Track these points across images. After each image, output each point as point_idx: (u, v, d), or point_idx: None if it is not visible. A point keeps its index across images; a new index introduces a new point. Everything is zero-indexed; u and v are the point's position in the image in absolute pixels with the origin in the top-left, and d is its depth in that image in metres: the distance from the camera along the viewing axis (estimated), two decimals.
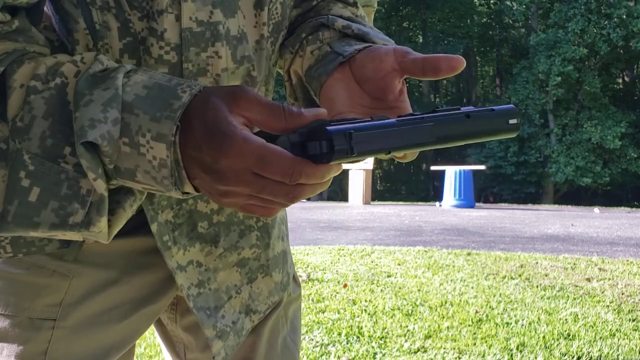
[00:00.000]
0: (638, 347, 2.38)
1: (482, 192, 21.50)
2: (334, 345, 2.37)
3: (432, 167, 14.31)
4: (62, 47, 0.51)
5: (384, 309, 2.92)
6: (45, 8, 0.51)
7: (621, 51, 21.12)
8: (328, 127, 0.38)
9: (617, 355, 2.30)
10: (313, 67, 0.55)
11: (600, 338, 2.49)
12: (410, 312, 2.87)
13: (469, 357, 2.25)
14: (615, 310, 2.95)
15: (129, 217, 0.47)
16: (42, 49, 0.47)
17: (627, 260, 4.40)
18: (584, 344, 2.41)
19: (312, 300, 3.08)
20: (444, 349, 2.33)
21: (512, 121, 0.47)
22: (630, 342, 2.44)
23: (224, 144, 0.37)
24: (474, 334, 2.53)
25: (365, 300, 3.07)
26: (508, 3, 22.60)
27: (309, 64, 0.56)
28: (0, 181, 0.41)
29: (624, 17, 18.45)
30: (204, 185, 0.40)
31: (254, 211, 0.42)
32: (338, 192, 19.66)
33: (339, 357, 2.24)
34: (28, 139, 0.41)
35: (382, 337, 2.48)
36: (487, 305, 3.02)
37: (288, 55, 0.59)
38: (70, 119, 0.41)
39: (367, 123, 0.39)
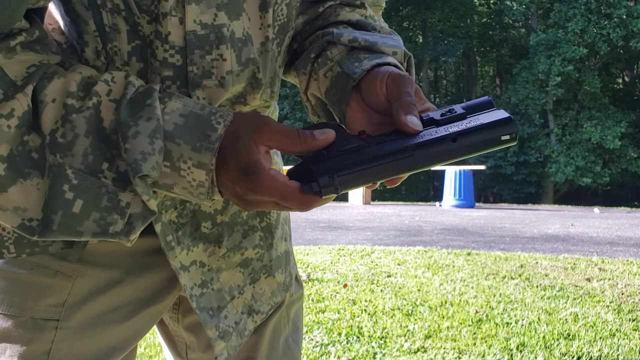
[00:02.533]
0: (638, 347, 2.38)
1: (482, 192, 21.50)
2: (334, 345, 2.37)
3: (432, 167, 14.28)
4: (71, 49, 0.51)
5: (384, 309, 2.92)
6: (54, 11, 0.51)
7: (621, 51, 21.12)
8: (314, 167, 0.45)
9: (617, 355, 2.30)
10: (330, 91, 0.56)
11: (600, 338, 2.49)
12: (410, 312, 2.88)
13: (469, 357, 2.26)
14: (615, 310, 2.95)
15: None
16: (55, 57, 0.48)
17: (627, 260, 4.40)
18: (584, 344, 2.41)
19: (312, 300, 3.08)
20: (444, 349, 2.34)
21: (505, 137, 0.45)
22: (630, 342, 2.45)
23: (255, 183, 0.44)
24: (474, 334, 2.54)
25: (365, 300, 3.07)
26: (508, 3, 22.59)
27: (326, 87, 0.57)
28: (36, 189, 0.44)
29: (624, 17, 18.44)
30: (235, 200, 0.48)
31: (277, 209, 0.48)
32: None
33: (339, 357, 2.24)
34: (71, 155, 0.44)
35: (382, 337, 2.49)
36: (487, 305, 3.03)
37: (302, 77, 0.60)
38: (104, 136, 0.45)
39: (352, 160, 0.45)
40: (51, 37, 0.48)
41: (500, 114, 0.46)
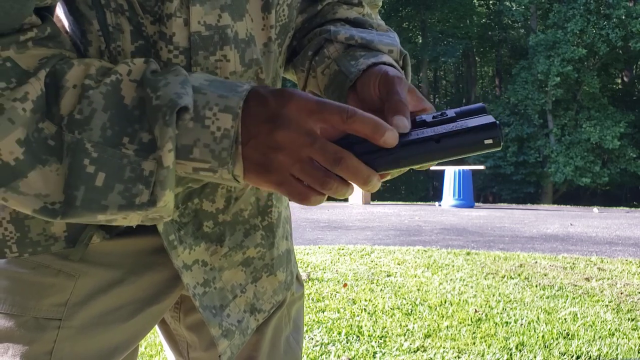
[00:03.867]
0: (637, 347, 2.39)
1: (481, 192, 21.51)
2: (333, 345, 2.37)
3: (432, 167, 14.30)
4: (75, 48, 0.51)
5: (383, 308, 2.92)
6: (58, 9, 0.51)
7: (620, 51, 21.13)
8: None
9: (616, 354, 2.31)
10: (329, 88, 0.57)
11: (599, 337, 2.50)
12: (409, 311, 2.88)
13: (469, 356, 2.26)
14: (614, 309, 2.95)
15: (176, 193, 0.49)
16: (70, 54, 0.48)
17: (626, 260, 4.41)
18: (583, 343, 2.42)
19: (312, 299, 3.09)
20: (444, 348, 2.34)
21: (488, 141, 0.45)
22: (629, 341, 2.45)
23: (290, 93, 0.43)
24: (474, 333, 2.54)
25: (365, 300, 3.08)
26: (507, 4, 22.61)
27: (325, 84, 0.57)
28: (55, 174, 0.43)
29: (623, 17, 18.46)
30: (258, 145, 0.43)
31: (292, 189, 0.44)
32: None
33: (338, 357, 2.25)
34: (89, 129, 0.42)
35: (382, 336, 2.49)
36: (486, 304, 3.03)
37: (300, 74, 0.60)
38: (125, 113, 0.44)
39: None
40: (64, 36, 0.49)
41: (488, 118, 0.46)
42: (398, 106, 0.48)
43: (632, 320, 2.77)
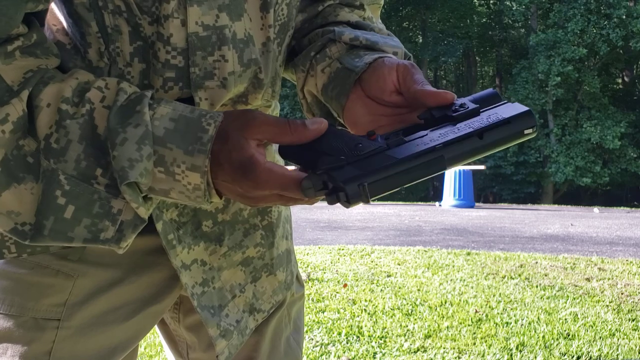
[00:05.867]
0: (637, 347, 2.38)
1: (481, 192, 21.50)
2: (334, 345, 2.37)
3: None
4: (75, 50, 0.51)
5: (383, 308, 2.92)
6: (58, 12, 0.51)
7: (621, 51, 21.13)
8: (337, 175, 0.41)
9: (617, 355, 2.30)
10: (328, 86, 0.56)
11: (600, 338, 2.50)
12: (410, 311, 2.88)
13: (469, 356, 2.26)
14: (614, 310, 2.95)
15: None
16: (55, 61, 0.48)
17: (627, 260, 4.40)
18: (583, 343, 2.41)
19: (312, 300, 3.08)
20: (444, 348, 2.34)
21: (528, 131, 0.44)
22: (629, 341, 2.45)
23: (253, 179, 0.43)
24: (474, 333, 2.54)
25: (365, 300, 3.08)
26: (508, 3, 22.59)
27: (323, 83, 0.57)
28: (29, 193, 0.44)
29: (624, 17, 18.44)
30: (232, 197, 0.47)
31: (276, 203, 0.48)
32: None
33: (339, 357, 2.24)
34: (64, 161, 0.44)
35: (382, 336, 2.49)
36: (486, 305, 3.03)
37: (300, 74, 0.60)
38: (98, 143, 0.45)
39: (378, 165, 0.42)
40: (51, 40, 0.49)
41: (518, 107, 0.45)
42: (437, 96, 0.47)
43: (633, 320, 2.77)
